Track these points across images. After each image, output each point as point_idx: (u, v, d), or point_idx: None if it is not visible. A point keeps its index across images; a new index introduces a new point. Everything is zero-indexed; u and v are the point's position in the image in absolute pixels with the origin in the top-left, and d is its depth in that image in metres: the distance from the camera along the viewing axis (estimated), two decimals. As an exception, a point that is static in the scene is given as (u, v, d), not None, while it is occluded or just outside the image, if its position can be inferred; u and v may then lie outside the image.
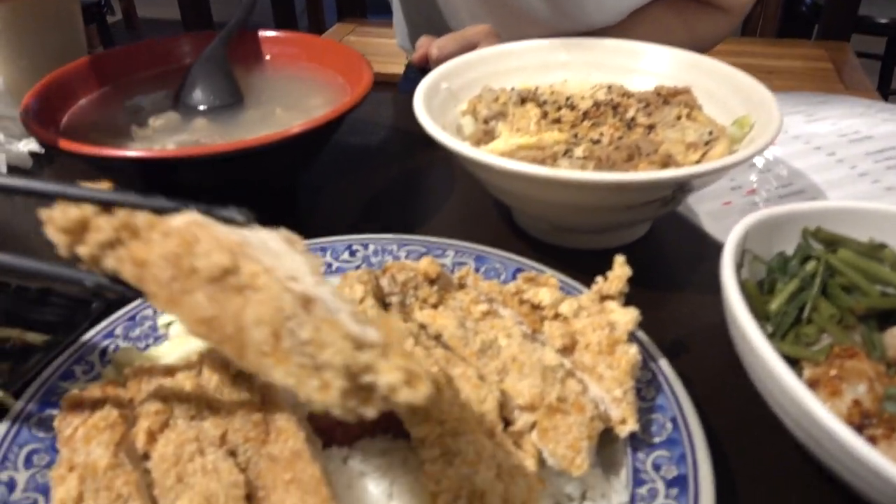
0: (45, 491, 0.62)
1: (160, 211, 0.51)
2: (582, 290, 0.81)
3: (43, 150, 1.26)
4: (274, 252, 0.50)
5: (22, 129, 1.26)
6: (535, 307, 0.72)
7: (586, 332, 0.68)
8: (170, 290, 0.46)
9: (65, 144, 0.88)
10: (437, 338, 0.68)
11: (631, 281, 0.76)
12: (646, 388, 0.70)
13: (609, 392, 0.64)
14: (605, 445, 0.65)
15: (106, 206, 0.51)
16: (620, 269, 0.72)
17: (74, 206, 0.51)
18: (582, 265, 0.87)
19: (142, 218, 0.50)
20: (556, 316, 0.71)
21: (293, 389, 0.43)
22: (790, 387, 0.58)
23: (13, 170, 1.22)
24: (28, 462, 0.64)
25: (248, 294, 0.45)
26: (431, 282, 0.73)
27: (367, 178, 1.23)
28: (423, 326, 0.69)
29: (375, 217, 1.13)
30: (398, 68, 2.13)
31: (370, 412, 0.43)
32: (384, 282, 0.73)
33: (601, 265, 0.75)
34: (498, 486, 0.55)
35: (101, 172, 1.01)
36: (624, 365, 0.65)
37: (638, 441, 0.65)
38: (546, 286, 0.72)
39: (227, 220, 0.52)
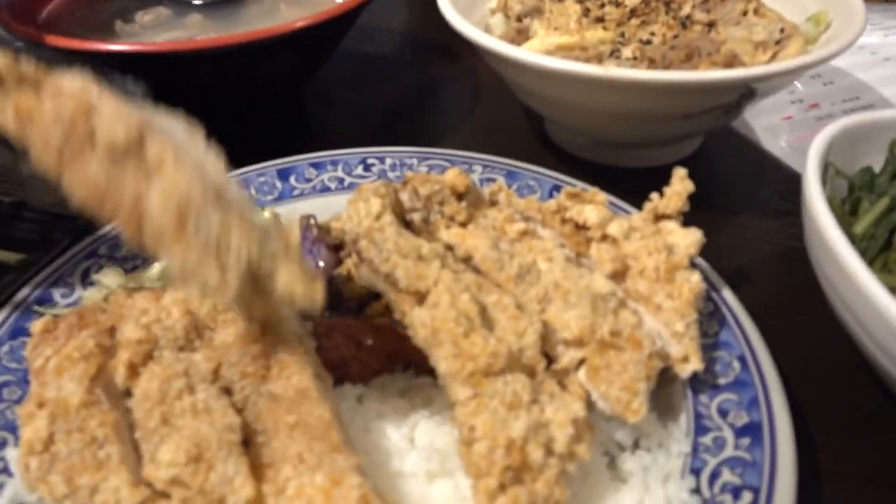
0: (14, 429, 0.54)
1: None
2: (630, 211, 0.70)
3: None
4: (178, 140, 0.46)
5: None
6: (580, 227, 0.61)
7: (640, 256, 0.57)
8: (59, 153, 0.44)
9: (44, 38, 0.78)
10: (467, 261, 0.58)
11: (683, 200, 0.66)
12: (707, 322, 0.60)
13: (668, 325, 0.54)
14: (662, 387, 0.55)
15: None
16: (680, 185, 0.61)
17: None
18: (626, 185, 0.76)
19: (30, 68, 0.46)
20: (604, 237, 0.60)
21: (188, 275, 0.43)
22: (893, 317, 0.48)
23: None
24: (-3, 396, 0.56)
25: (151, 175, 0.43)
26: (459, 196, 0.63)
27: (382, 89, 1.11)
28: (449, 247, 0.59)
29: (392, 130, 1.02)
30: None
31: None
32: (404, 196, 0.62)
33: (647, 185, 0.64)
34: (540, 434, 0.46)
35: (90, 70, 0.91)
36: (686, 294, 0.55)
37: (700, 382, 0.56)
38: (593, 203, 0.62)
39: (122, 90, 0.49)
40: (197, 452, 0.44)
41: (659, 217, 0.61)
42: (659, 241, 0.58)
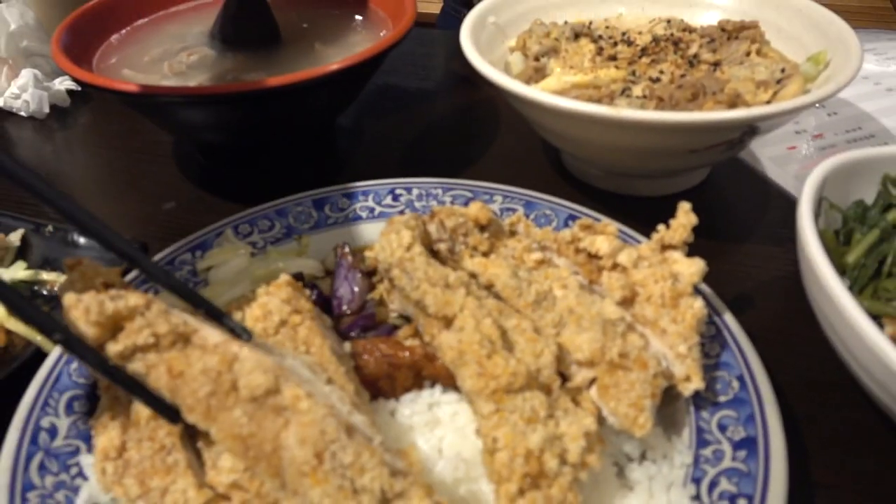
0: (86, 438, 0.60)
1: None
2: (639, 240, 0.76)
3: (80, 88, 1.23)
4: (305, 378, 0.51)
5: (53, 67, 1.23)
6: (592, 256, 0.67)
7: (647, 284, 0.63)
8: (207, 405, 0.48)
9: (99, 81, 0.85)
10: (489, 288, 0.64)
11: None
12: (709, 344, 0.65)
13: (672, 348, 0.60)
14: (666, 404, 0.61)
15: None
16: (685, 217, 0.66)
17: (109, 299, 0.50)
18: (637, 213, 0.82)
19: (179, 325, 0.51)
20: (615, 266, 0.66)
21: None
22: (875, 344, 0.54)
23: (53, 108, 1.20)
24: (69, 408, 0.63)
25: (289, 416, 0.48)
26: (482, 228, 0.69)
27: (407, 121, 1.18)
28: (473, 275, 0.65)
29: (417, 161, 1.08)
30: (435, 6, 2.04)
31: None
32: (432, 227, 0.68)
33: (656, 213, 0.70)
34: (555, 445, 0.52)
35: (136, 110, 0.99)
36: (689, 319, 0.60)
37: (701, 399, 0.61)
38: (604, 234, 0.67)
39: (231, 330, 0.54)
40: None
41: (665, 247, 0.67)
42: (665, 270, 0.63)
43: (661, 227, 0.67)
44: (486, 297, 0.62)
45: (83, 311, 0.49)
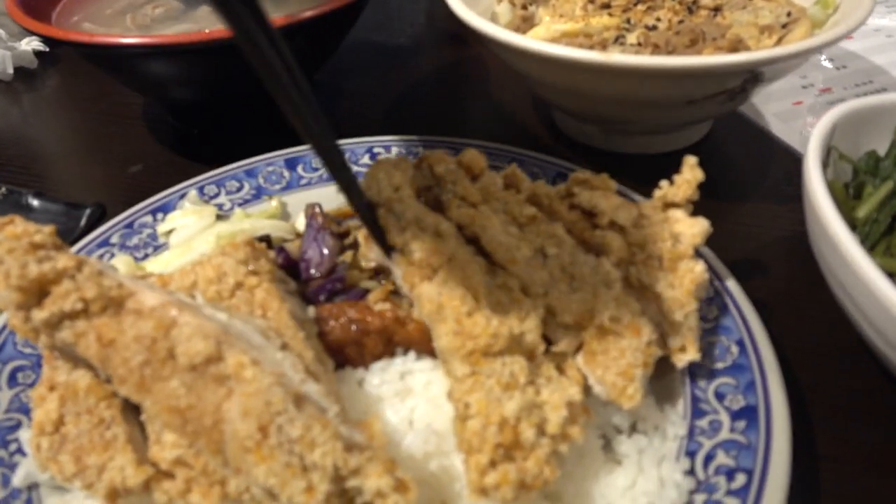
0: (28, 412, 0.56)
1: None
2: (636, 199, 0.70)
3: (47, 49, 1.17)
4: (255, 344, 0.46)
5: (20, 28, 1.17)
6: (588, 213, 0.61)
7: (646, 245, 0.57)
8: (140, 375, 0.43)
9: (54, 32, 0.79)
10: (475, 241, 0.58)
11: (690, 188, 0.66)
12: (707, 307, 0.60)
13: (668, 315, 0.54)
14: (660, 371, 0.55)
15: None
16: (690, 173, 0.60)
17: (35, 261, 0.45)
18: (633, 172, 0.76)
19: (112, 288, 0.46)
20: (612, 224, 0.59)
21: (273, 489, 0.41)
22: (891, 303, 0.48)
23: (19, 70, 1.14)
24: (12, 380, 0.58)
25: (232, 385, 0.43)
26: (474, 178, 0.63)
27: (390, 78, 1.12)
28: (459, 227, 0.59)
29: (400, 119, 1.02)
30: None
31: None
32: (420, 172, 0.62)
33: (654, 172, 0.64)
34: (534, 415, 0.47)
35: (99, 66, 0.93)
36: (687, 284, 0.55)
37: (698, 366, 0.56)
38: (602, 188, 0.61)
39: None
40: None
41: (668, 205, 0.61)
42: (666, 230, 0.58)
43: (664, 183, 0.61)
44: (472, 253, 0.57)
45: (3, 274, 0.44)
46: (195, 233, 0.70)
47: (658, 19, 0.82)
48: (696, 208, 0.61)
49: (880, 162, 0.65)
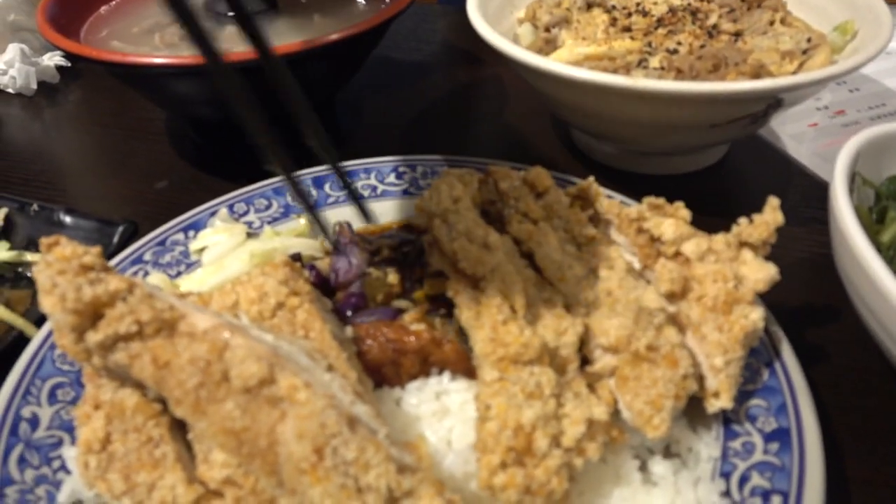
0: (70, 429, 0.56)
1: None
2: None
3: (69, 64, 1.18)
4: (304, 365, 0.47)
5: (43, 42, 1.18)
6: (655, 239, 0.61)
7: (705, 281, 0.56)
8: (196, 397, 0.44)
9: (86, 51, 0.80)
10: (530, 257, 0.59)
11: (706, 210, 0.66)
12: (735, 329, 0.61)
13: (709, 357, 0.54)
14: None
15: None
16: (771, 215, 0.59)
17: (88, 284, 0.46)
18: (650, 192, 0.77)
19: (164, 310, 0.46)
20: (677, 254, 0.59)
21: None
22: (921, 331, 0.50)
23: (41, 85, 1.15)
24: (52, 397, 0.59)
25: (285, 408, 0.43)
26: (538, 195, 0.64)
27: (410, 97, 1.13)
28: (518, 242, 0.61)
29: (419, 137, 1.04)
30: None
31: None
32: (486, 187, 0.64)
33: (673, 194, 0.65)
34: (551, 426, 0.48)
35: (127, 83, 0.94)
36: (736, 331, 0.54)
37: (728, 388, 0.57)
38: (674, 217, 0.61)
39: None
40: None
41: (743, 244, 0.59)
42: (730, 270, 0.57)
43: (742, 220, 0.59)
44: (525, 267, 0.58)
45: (59, 297, 0.45)
46: (227, 251, 0.71)
47: (679, 43, 0.84)
48: (713, 228, 0.61)
49: (903, 187, 0.67)
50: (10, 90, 1.13)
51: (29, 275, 0.73)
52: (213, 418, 0.43)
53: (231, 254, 0.71)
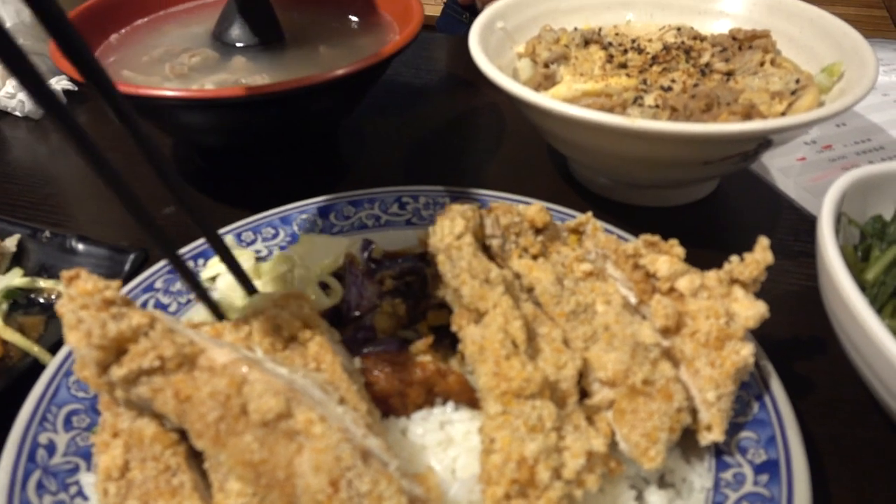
0: (86, 455, 0.58)
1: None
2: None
3: (76, 88, 1.20)
4: (317, 399, 0.49)
5: (50, 66, 1.20)
6: (651, 275, 0.63)
7: (698, 317, 0.59)
8: (216, 430, 0.46)
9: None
10: (530, 291, 0.62)
11: (697, 243, 0.69)
12: (727, 362, 0.64)
13: (701, 391, 0.56)
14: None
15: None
16: (762, 254, 0.61)
17: (112, 319, 0.48)
18: (643, 224, 0.80)
19: (185, 345, 0.49)
20: (671, 290, 0.62)
21: None
22: (901, 367, 0.52)
23: (43, 108, 1.17)
24: (67, 423, 0.61)
25: (302, 441, 0.46)
26: (538, 231, 0.67)
27: (410, 123, 1.16)
28: (518, 276, 0.63)
29: (421, 165, 1.07)
30: (434, 7, 2.02)
31: None
32: (487, 222, 0.67)
33: (665, 225, 0.68)
34: (553, 458, 0.50)
35: (136, 112, 0.96)
36: (728, 366, 0.56)
37: (720, 420, 0.60)
38: (668, 254, 0.63)
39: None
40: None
41: (733, 281, 0.61)
42: (722, 306, 0.59)
43: (734, 258, 0.61)
44: (525, 301, 0.61)
45: (85, 333, 0.47)
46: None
47: (673, 81, 0.87)
48: (705, 261, 0.64)
49: (886, 227, 0.70)
50: (18, 113, 1.15)
51: (42, 301, 0.75)
52: (232, 450, 0.45)
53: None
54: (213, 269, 0.74)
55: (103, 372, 0.48)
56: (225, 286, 0.72)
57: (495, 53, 0.94)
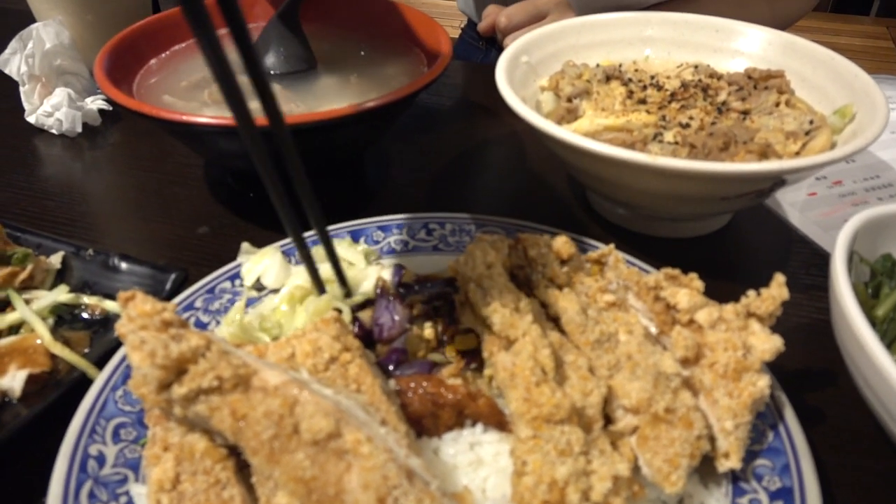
0: (134, 467, 0.61)
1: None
2: (650, 272, 0.78)
3: (111, 108, 1.24)
4: (362, 420, 0.52)
5: (84, 86, 1.25)
6: (671, 307, 0.66)
7: (716, 349, 0.62)
8: (270, 448, 0.49)
9: (145, 109, 0.86)
10: (556, 320, 0.66)
11: (711, 274, 0.72)
12: (743, 392, 0.67)
13: (719, 420, 0.59)
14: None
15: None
16: (778, 290, 0.64)
17: (172, 340, 0.51)
18: (659, 254, 0.84)
19: (240, 367, 0.52)
20: (691, 322, 0.65)
21: None
22: (911, 402, 0.55)
23: (84, 126, 1.21)
24: (116, 436, 0.64)
25: (350, 460, 0.49)
26: (563, 262, 0.71)
27: (433, 150, 1.20)
28: (544, 305, 0.67)
29: (444, 192, 1.10)
30: (452, 33, 2.07)
31: None
32: (515, 253, 0.71)
33: (680, 256, 0.71)
34: (581, 481, 0.53)
35: (173, 135, 1.00)
36: (745, 397, 0.59)
37: (736, 447, 0.63)
38: (688, 287, 0.67)
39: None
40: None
41: (750, 314, 0.64)
42: (739, 339, 0.62)
43: (751, 292, 0.65)
44: (551, 329, 0.64)
45: (149, 354, 0.50)
46: (279, 268, 0.79)
47: (691, 118, 0.91)
48: (718, 293, 0.67)
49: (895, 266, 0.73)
50: (55, 131, 1.19)
51: (86, 316, 0.78)
52: (285, 467, 0.49)
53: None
54: (251, 276, 0.79)
55: (162, 390, 0.52)
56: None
57: (520, 85, 0.98)
